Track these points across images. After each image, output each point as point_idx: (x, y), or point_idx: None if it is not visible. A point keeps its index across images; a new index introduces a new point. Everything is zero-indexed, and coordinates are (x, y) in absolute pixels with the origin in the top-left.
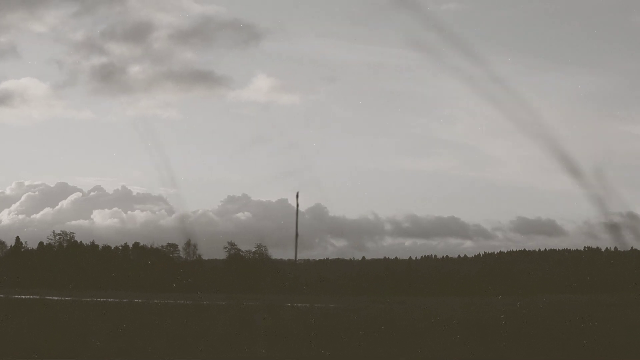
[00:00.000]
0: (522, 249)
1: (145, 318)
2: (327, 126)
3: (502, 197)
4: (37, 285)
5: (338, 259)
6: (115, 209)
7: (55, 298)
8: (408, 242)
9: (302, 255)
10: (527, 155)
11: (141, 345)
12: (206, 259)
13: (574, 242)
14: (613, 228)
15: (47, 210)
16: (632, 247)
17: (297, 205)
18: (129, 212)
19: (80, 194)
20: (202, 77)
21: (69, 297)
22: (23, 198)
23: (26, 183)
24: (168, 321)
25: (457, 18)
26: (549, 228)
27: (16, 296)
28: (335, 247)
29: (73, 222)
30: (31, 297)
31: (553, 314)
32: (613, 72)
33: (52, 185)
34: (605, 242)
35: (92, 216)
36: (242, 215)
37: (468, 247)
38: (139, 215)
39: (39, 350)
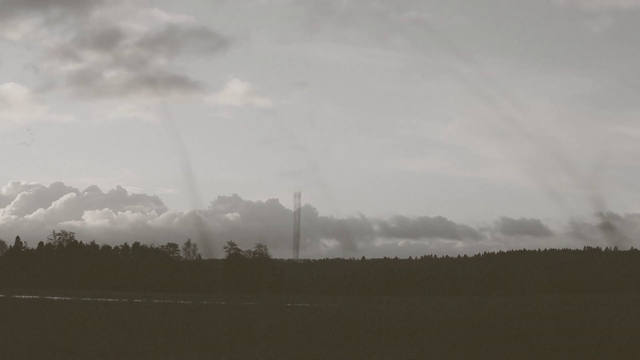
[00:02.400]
0: (522, 249)
1: (145, 318)
2: (313, 128)
3: (489, 197)
4: (37, 285)
5: (338, 259)
6: (106, 209)
7: (55, 298)
8: (401, 242)
9: (298, 255)
10: (515, 156)
11: (141, 345)
12: (206, 259)
13: (562, 242)
14: (599, 228)
15: (40, 210)
16: (632, 247)
17: (299, 205)
18: (119, 212)
19: (74, 194)
20: (177, 82)
21: (69, 296)
22: (18, 198)
23: (22, 183)
24: (168, 321)
25: (420, 25)
26: (534, 228)
27: (16, 296)
28: (327, 248)
29: (65, 223)
30: (31, 297)
31: (553, 314)
32: (603, 73)
33: (47, 186)
34: (590, 242)
35: (83, 217)
36: (230, 216)
37: (460, 247)
38: (130, 216)
39: (39, 350)
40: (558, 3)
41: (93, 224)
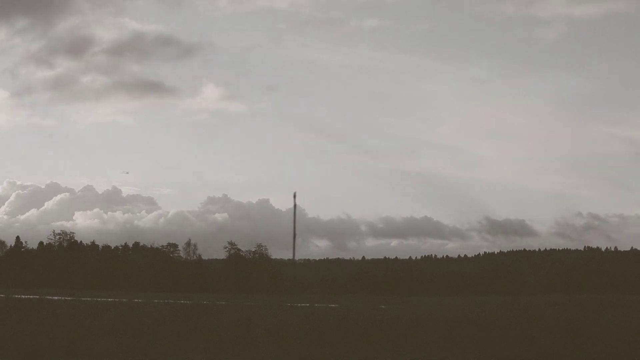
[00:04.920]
0: (522, 249)
1: (145, 318)
2: (302, 129)
3: (476, 197)
4: (37, 285)
5: (338, 258)
6: (96, 210)
7: (56, 298)
8: (394, 243)
9: (287, 255)
10: (504, 157)
11: (141, 345)
12: (206, 258)
13: (550, 242)
14: (583, 228)
15: (32, 211)
16: (632, 247)
17: (295, 206)
18: (109, 212)
19: (67, 194)
20: (152, 88)
21: (69, 296)
22: (12, 198)
23: (18, 183)
24: (168, 321)
25: (382, 33)
26: (520, 228)
27: (16, 296)
28: (318, 248)
29: (57, 223)
30: (31, 297)
31: (553, 314)
32: (595, 74)
33: (42, 187)
34: (576, 242)
35: (74, 217)
36: (219, 216)
37: (452, 247)
38: (120, 217)
39: (39, 350)
40: (508, 11)
41: (83, 224)
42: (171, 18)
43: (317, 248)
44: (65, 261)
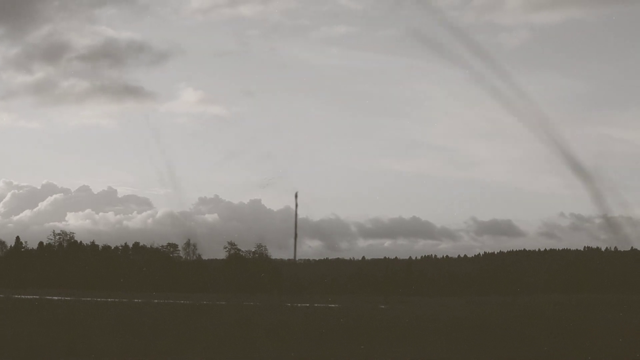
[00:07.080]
0: (522, 249)
1: (145, 318)
2: (289, 129)
3: (467, 197)
4: (37, 285)
5: (338, 259)
6: (88, 210)
7: (55, 298)
8: (387, 243)
9: (281, 255)
10: (498, 157)
11: (141, 345)
12: (206, 259)
13: (538, 242)
14: (569, 228)
15: (26, 211)
16: (632, 247)
17: (296, 206)
18: (101, 213)
19: (62, 194)
20: (131, 92)
21: (68, 296)
22: (7, 197)
23: (14, 182)
24: (168, 321)
25: (353, 37)
26: (508, 228)
27: (16, 296)
28: (311, 248)
29: (49, 224)
30: (31, 297)
31: (553, 314)
32: (587, 75)
33: (38, 187)
34: (566, 243)
35: (66, 218)
36: (209, 217)
37: (445, 247)
38: (112, 217)
39: (39, 350)
40: (469, 18)
41: (75, 224)
42: (142, 26)
43: (310, 249)
44: (65, 261)
